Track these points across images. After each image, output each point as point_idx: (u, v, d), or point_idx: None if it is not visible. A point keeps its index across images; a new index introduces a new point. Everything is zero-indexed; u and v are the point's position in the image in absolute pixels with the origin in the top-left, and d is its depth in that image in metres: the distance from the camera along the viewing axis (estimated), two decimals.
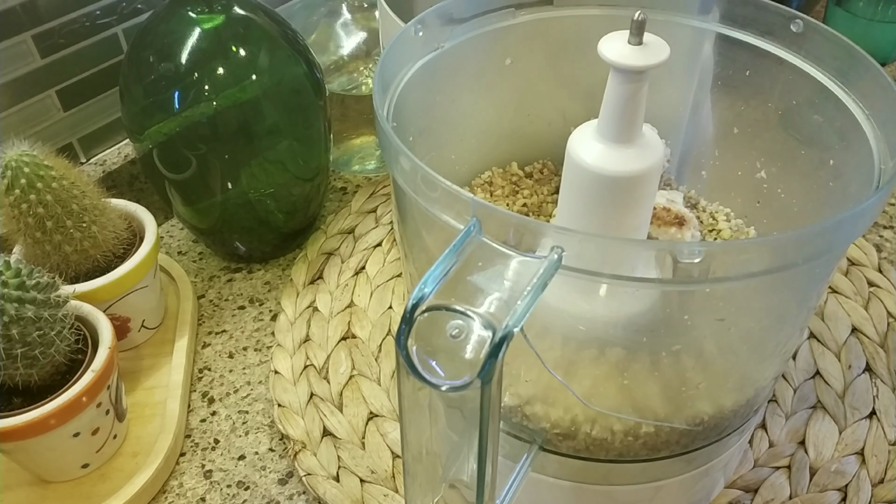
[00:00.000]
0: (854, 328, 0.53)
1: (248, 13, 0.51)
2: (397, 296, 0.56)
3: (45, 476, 0.45)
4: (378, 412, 0.49)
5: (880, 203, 0.29)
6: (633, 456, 0.36)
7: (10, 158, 0.44)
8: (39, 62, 0.56)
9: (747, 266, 0.27)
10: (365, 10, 0.65)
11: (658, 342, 0.34)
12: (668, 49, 0.32)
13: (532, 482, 0.38)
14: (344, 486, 0.45)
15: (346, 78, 0.65)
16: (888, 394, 0.48)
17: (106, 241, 0.48)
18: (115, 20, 0.59)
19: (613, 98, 0.33)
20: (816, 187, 0.38)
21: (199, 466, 0.47)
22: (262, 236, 0.58)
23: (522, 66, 0.43)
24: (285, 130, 0.52)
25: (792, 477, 0.45)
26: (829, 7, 0.76)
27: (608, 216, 0.35)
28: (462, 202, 0.27)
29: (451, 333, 0.25)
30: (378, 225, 0.62)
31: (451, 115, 0.42)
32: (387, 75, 0.35)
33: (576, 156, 0.34)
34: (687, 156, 0.45)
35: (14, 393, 0.42)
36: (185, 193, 0.54)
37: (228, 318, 0.56)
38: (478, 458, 0.27)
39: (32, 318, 0.39)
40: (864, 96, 0.34)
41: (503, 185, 0.47)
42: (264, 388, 0.51)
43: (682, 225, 0.38)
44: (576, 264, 0.26)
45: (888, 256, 0.58)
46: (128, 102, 0.51)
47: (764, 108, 0.40)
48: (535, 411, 0.35)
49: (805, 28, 0.36)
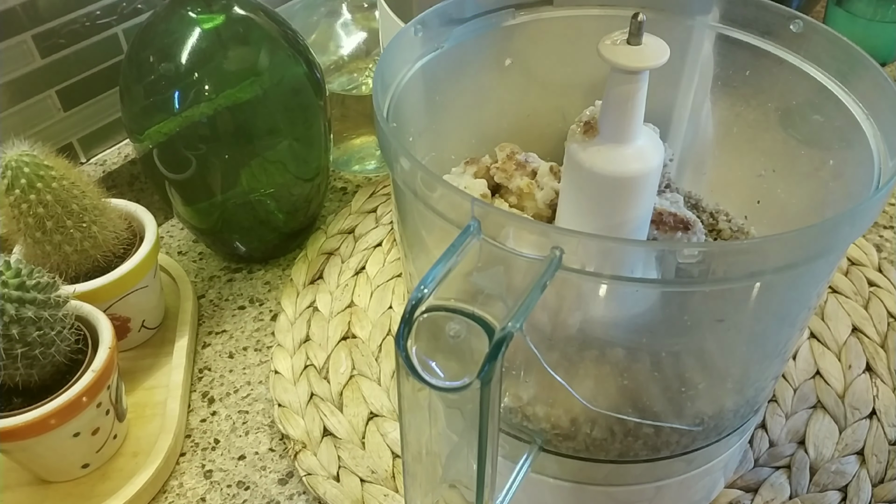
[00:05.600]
0: (854, 328, 0.53)
1: (248, 13, 0.51)
2: (397, 296, 0.56)
3: (45, 476, 0.45)
4: (378, 412, 0.49)
5: (880, 203, 0.29)
6: (633, 456, 0.36)
7: (10, 158, 0.44)
8: (39, 62, 0.56)
9: (747, 266, 0.27)
10: (365, 10, 0.65)
11: (658, 342, 0.34)
12: (668, 49, 0.32)
13: (532, 482, 0.38)
14: (344, 486, 0.45)
15: (346, 78, 0.65)
16: (888, 394, 0.48)
17: (106, 241, 0.48)
18: (115, 20, 0.59)
19: (613, 98, 0.33)
20: (816, 187, 0.38)
21: (200, 466, 0.47)
22: (262, 236, 0.58)
23: (522, 66, 0.43)
24: (285, 130, 0.52)
25: (792, 477, 0.45)
26: (829, 7, 0.76)
27: (608, 217, 0.35)
28: (462, 202, 0.27)
29: (451, 334, 0.25)
30: (378, 225, 0.62)
31: (451, 115, 0.42)
32: (387, 75, 0.35)
33: (576, 156, 0.34)
34: (687, 156, 0.45)
35: (14, 393, 0.42)
36: (185, 193, 0.54)
37: (228, 318, 0.56)
38: (477, 459, 0.27)
39: (32, 318, 0.40)
40: (864, 96, 0.34)
41: None
42: (264, 388, 0.51)
43: (688, 229, 0.38)
44: (576, 264, 0.26)
45: (888, 256, 0.58)
46: (128, 102, 0.51)
47: (764, 108, 0.40)
48: (535, 412, 0.35)
49: (805, 28, 0.36)
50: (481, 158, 0.42)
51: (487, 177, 0.42)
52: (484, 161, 0.41)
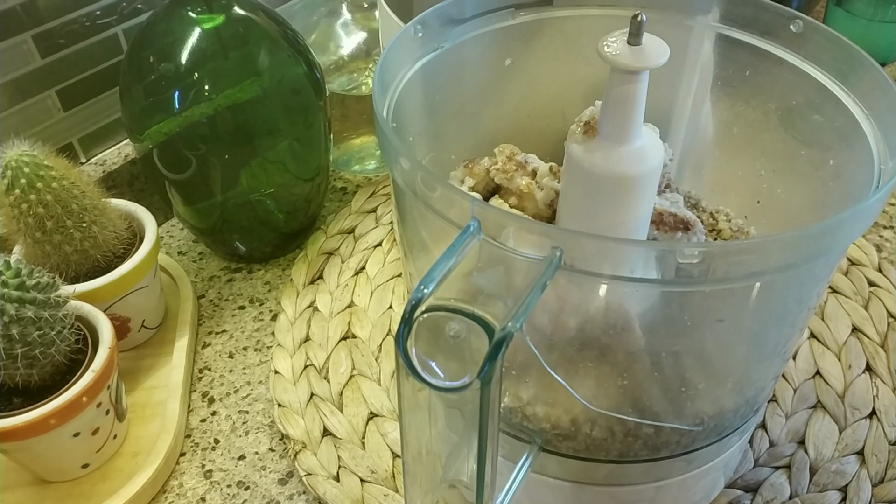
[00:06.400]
0: (854, 328, 0.53)
1: (248, 13, 0.51)
2: (397, 296, 0.56)
3: (45, 476, 0.45)
4: (378, 412, 0.49)
5: (880, 203, 0.29)
6: (633, 456, 0.36)
7: (10, 158, 0.44)
8: (39, 62, 0.56)
9: (747, 266, 0.27)
10: (365, 10, 0.65)
11: (658, 342, 0.34)
12: (668, 50, 0.32)
13: (532, 482, 0.38)
14: (344, 486, 0.45)
15: (346, 78, 0.65)
16: (888, 394, 0.48)
17: (106, 241, 0.48)
18: (115, 20, 0.59)
19: (613, 98, 0.33)
20: (816, 187, 0.38)
21: (200, 466, 0.47)
22: (262, 236, 0.58)
23: (522, 66, 0.43)
24: (285, 130, 0.52)
25: (792, 477, 0.45)
26: (829, 7, 0.76)
27: (608, 217, 0.35)
28: (462, 202, 0.27)
29: (451, 334, 0.25)
30: (378, 225, 0.62)
31: (451, 115, 0.42)
32: (387, 75, 0.35)
33: (575, 156, 0.34)
34: (687, 156, 0.45)
35: (14, 393, 0.42)
36: (185, 193, 0.54)
37: (228, 318, 0.56)
38: (477, 459, 0.27)
39: (32, 318, 0.40)
40: (864, 96, 0.34)
41: None
42: (264, 388, 0.51)
43: (689, 230, 0.37)
44: (576, 264, 0.26)
45: (888, 256, 0.58)
46: (128, 102, 0.51)
47: (764, 108, 0.40)
48: (535, 412, 0.35)
49: (805, 28, 0.36)
50: (480, 160, 0.42)
51: (487, 178, 0.42)
52: (483, 163, 0.41)
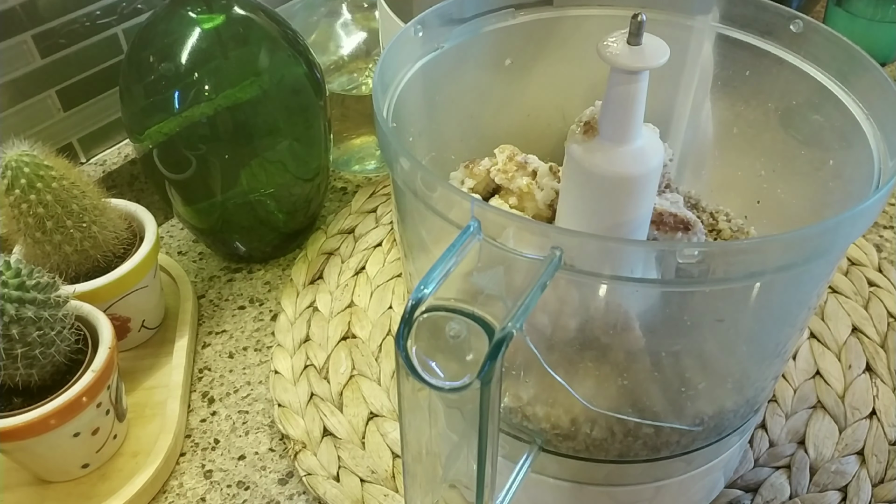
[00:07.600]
0: (854, 328, 0.53)
1: (248, 13, 0.51)
2: (397, 296, 0.56)
3: (45, 476, 0.45)
4: (378, 412, 0.49)
5: (880, 203, 0.29)
6: (633, 456, 0.36)
7: (10, 158, 0.44)
8: (39, 62, 0.56)
9: (747, 266, 0.27)
10: (365, 10, 0.65)
11: (658, 342, 0.34)
12: (668, 50, 0.32)
13: (532, 482, 0.38)
14: (344, 486, 0.45)
15: (346, 78, 0.65)
16: (888, 394, 0.48)
17: (106, 241, 0.48)
18: (115, 20, 0.59)
19: (613, 98, 0.33)
20: (816, 187, 0.38)
21: (200, 466, 0.47)
22: (262, 236, 0.58)
23: (522, 66, 0.43)
24: (285, 130, 0.52)
25: (792, 477, 0.45)
26: (829, 7, 0.76)
27: (608, 217, 0.35)
28: (462, 202, 0.27)
29: (451, 334, 0.25)
30: (378, 225, 0.62)
31: (451, 115, 0.42)
32: (387, 75, 0.35)
33: (575, 156, 0.34)
34: (687, 156, 0.45)
35: (14, 393, 0.42)
36: (185, 193, 0.54)
37: (228, 318, 0.56)
38: (477, 459, 0.27)
39: (32, 318, 0.40)
40: (864, 96, 0.34)
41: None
42: (264, 388, 0.51)
43: (689, 230, 0.37)
44: (576, 264, 0.26)
45: (888, 256, 0.58)
46: (128, 102, 0.51)
47: (764, 108, 0.40)
48: (535, 412, 0.35)
49: (805, 28, 0.36)
50: (481, 161, 0.42)
51: (488, 179, 0.42)
52: (483, 164, 0.41)
